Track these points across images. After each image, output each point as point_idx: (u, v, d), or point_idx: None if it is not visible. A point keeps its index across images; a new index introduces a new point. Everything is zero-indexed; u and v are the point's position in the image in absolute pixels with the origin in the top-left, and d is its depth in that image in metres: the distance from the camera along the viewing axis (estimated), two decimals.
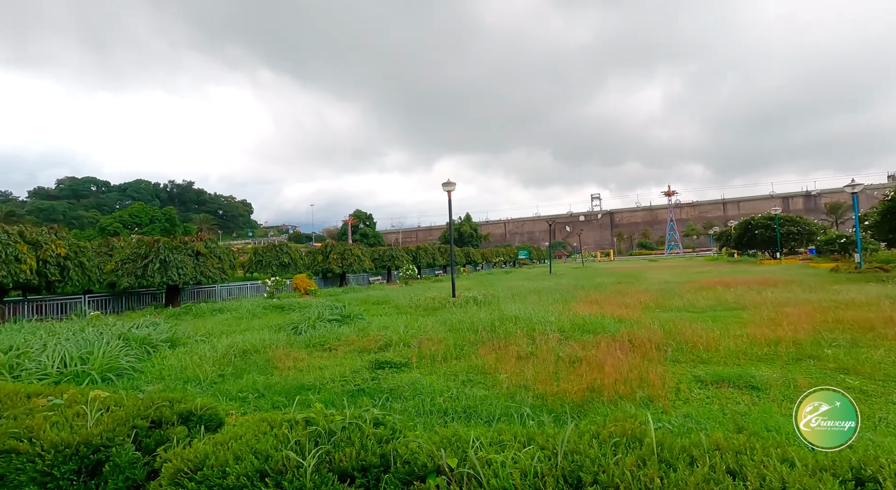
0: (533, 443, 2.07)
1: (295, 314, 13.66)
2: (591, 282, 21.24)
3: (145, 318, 13.72)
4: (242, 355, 7.27)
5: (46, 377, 5.22)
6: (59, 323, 12.23)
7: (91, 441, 2.69)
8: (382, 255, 39.56)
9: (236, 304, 16.88)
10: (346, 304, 12.14)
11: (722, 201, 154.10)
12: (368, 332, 8.63)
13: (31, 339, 7.00)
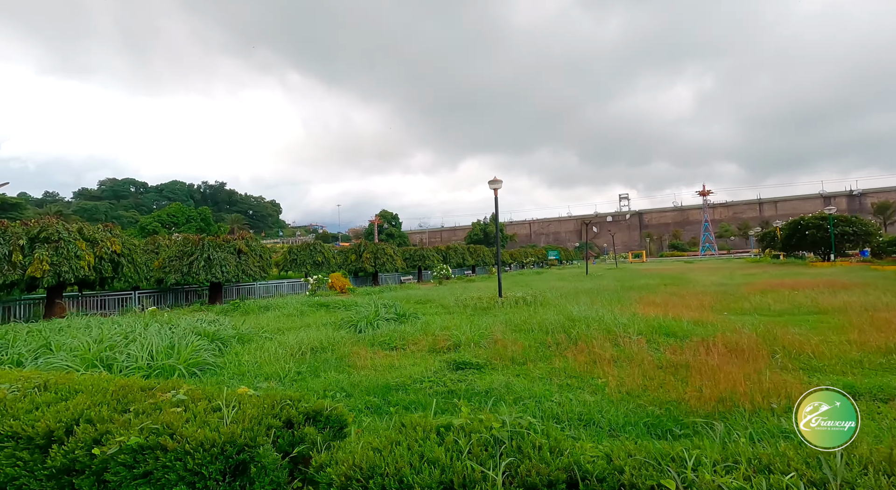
0: (776, 468, 1.77)
1: (343, 312, 13.67)
2: (635, 283, 20.53)
3: (200, 313, 14.01)
4: (311, 352, 7.21)
5: (138, 370, 5.25)
6: (122, 317, 12.60)
7: (235, 440, 2.57)
8: (413, 254, 39.61)
9: (281, 301, 17.09)
10: (397, 303, 12.03)
11: (758, 201, 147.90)
12: (431, 331, 8.45)
13: (111, 333, 7.15)
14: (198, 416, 2.93)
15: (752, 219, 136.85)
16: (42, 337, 6.92)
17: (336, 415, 3.08)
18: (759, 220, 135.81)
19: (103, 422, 3.06)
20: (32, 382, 3.89)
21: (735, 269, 30.25)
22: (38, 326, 10.42)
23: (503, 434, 2.34)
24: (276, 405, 3.11)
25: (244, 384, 5.53)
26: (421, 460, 2.12)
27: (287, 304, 15.90)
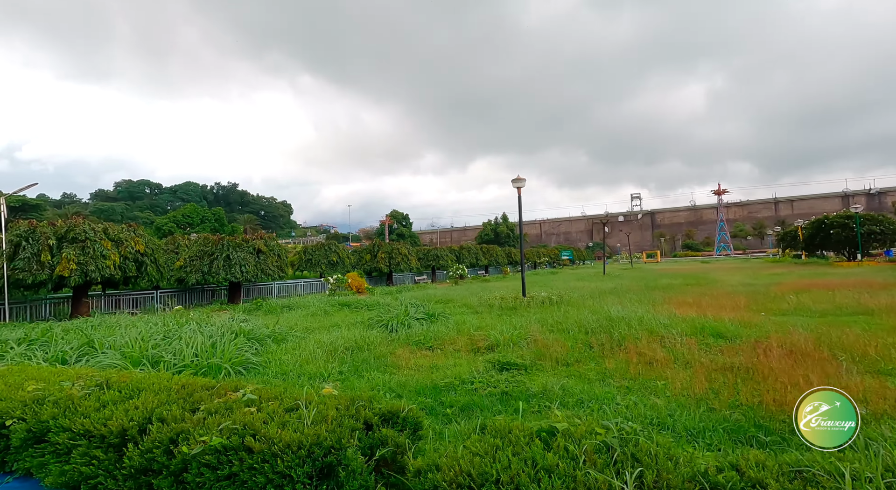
0: None
1: (367, 312, 13.62)
2: (657, 283, 20.18)
3: (225, 312, 14.08)
4: (347, 352, 7.14)
5: (186, 368, 5.21)
6: (150, 316, 12.70)
7: (321, 442, 2.47)
8: (427, 254, 39.55)
9: (302, 300, 17.11)
10: (423, 303, 11.92)
11: (773, 200, 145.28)
12: (464, 331, 8.33)
13: (150, 331, 7.16)
14: (275, 416, 2.85)
15: (767, 218, 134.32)
16: (84, 335, 6.95)
17: (412, 417, 2.97)
18: (774, 220, 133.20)
19: (177, 421, 2.99)
20: (93, 380, 3.86)
21: (757, 269, 29.62)
22: (71, 324, 10.53)
23: (612, 440, 2.20)
24: (352, 406, 3.02)
25: (288, 383, 5.46)
26: (534, 467, 2.00)
27: (309, 304, 15.91)
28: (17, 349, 6.30)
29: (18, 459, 3.36)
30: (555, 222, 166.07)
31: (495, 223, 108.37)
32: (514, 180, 14.39)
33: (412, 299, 17.06)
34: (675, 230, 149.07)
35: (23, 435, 3.24)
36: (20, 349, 6.33)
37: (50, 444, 3.18)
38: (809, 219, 48.60)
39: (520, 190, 14.48)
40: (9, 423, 3.35)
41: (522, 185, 14.35)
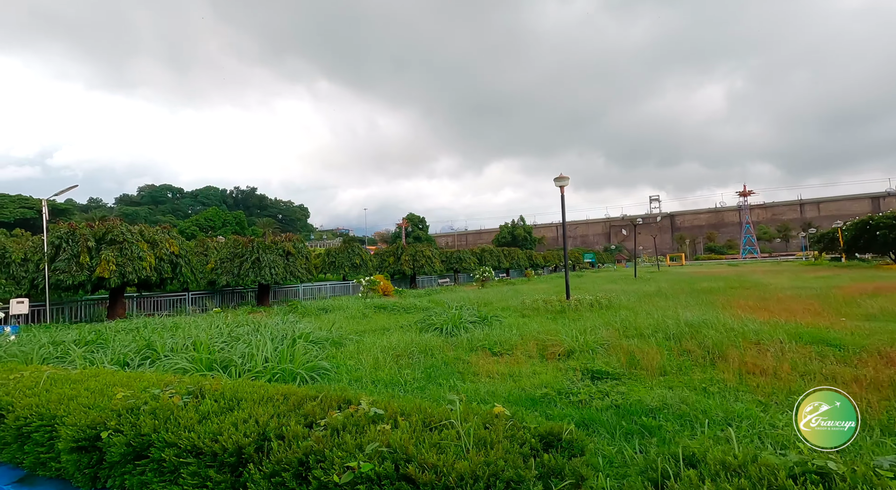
0: None
1: (407, 315, 13.23)
2: (698, 286, 19.34)
3: (259, 314, 13.86)
4: (412, 356, 6.74)
5: (260, 374, 4.86)
6: (192, 318, 12.54)
7: (500, 473, 2.05)
8: (450, 257, 39.16)
9: (336, 302, 16.83)
10: (467, 306, 11.47)
11: (799, 202, 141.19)
12: (528, 336, 7.85)
13: (208, 333, 6.89)
14: (421, 436, 2.43)
15: (792, 220, 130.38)
16: (141, 337, 6.70)
17: (577, 440, 2.52)
18: (800, 222, 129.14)
19: (298, 438, 2.60)
20: (183, 387, 3.50)
21: (797, 272, 28.35)
22: (116, 326, 10.39)
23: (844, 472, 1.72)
24: (501, 424, 2.58)
25: (363, 390, 5.07)
26: None
27: (344, 306, 15.62)
28: (77, 351, 6.06)
29: (114, 476, 3.02)
30: (571, 225, 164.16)
31: (512, 226, 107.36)
32: (556, 179, 13.87)
33: (448, 302, 16.63)
34: (696, 233, 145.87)
35: (121, 449, 2.89)
36: (81, 351, 6.09)
37: (152, 461, 2.82)
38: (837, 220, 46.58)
39: (563, 188, 13.95)
40: (104, 435, 3.02)
41: (566, 184, 13.82)
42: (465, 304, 11.38)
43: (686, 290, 17.11)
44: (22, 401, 3.66)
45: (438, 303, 15.91)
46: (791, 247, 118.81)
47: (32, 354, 5.86)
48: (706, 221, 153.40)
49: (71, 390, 3.80)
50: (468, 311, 9.94)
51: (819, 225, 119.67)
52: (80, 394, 3.67)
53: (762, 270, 33.28)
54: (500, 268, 46.22)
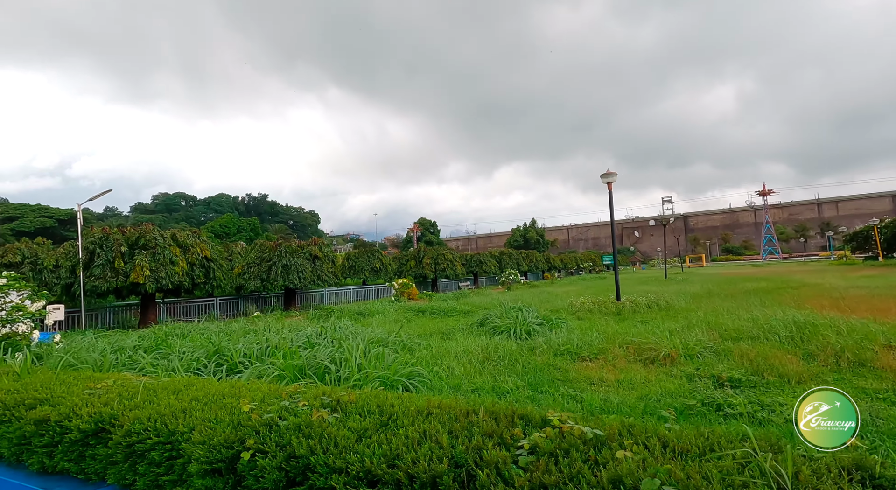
0: None
1: (453, 319, 12.76)
2: (741, 286, 18.59)
3: (296, 319, 13.48)
4: (496, 363, 6.25)
5: (359, 382, 4.40)
6: (229, 322, 12.19)
7: None
8: (470, 260, 38.65)
9: (369, 306, 16.39)
10: (525, 307, 10.92)
11: (816, 202, 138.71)
12: (611, 339, 7.31)
13: (281, 337, 6.47)
14: (703, 469, 1.93)
15: (809, 220, 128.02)
16: (209, 342, 6.29)
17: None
18: (817, 221, 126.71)
19: (504, 466, 2.13)
20: (315, 398, 3.05)
21: (840, 272, 27.33)
22: (161, 331, 10.04)
23: None
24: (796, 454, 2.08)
25: (465, 398, 4.58)
26: None
27: (380, 310, 15.18)
28: (146, 357, 5.67)
29: None
30: (582, 228, 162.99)
31: (524, 228, 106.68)
32: (603, 175, 13.34)
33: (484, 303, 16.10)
34: (710, 234, 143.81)
35: (273, 475, 2.44)
36: (149, 358, 5.70)
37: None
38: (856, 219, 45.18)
39: (610, 185, 13.41)
40: (245, 457, 2.57)
41: (614, 180, 13.28)
42: (521, 307, 10.84)
43: (736, 290, 16.40)
44: (128, 413, 3.24)
45: (480, 306, 15.44)
46: (809, 247, 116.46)
47: (103, 360, 5.47)
48: (720, 222, 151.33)
49: (177, 401, 3.37)
50: (530, 313, 9.41)
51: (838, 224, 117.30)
52: (191, 406, 3.24)
53: (798, 270, 32.25)
54: (518, 270, 45.57)
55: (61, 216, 75.52)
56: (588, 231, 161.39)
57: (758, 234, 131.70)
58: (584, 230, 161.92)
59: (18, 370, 5.03)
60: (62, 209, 78.50)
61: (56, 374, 4.93)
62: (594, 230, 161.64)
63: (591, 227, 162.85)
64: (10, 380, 4.88)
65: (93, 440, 3.29)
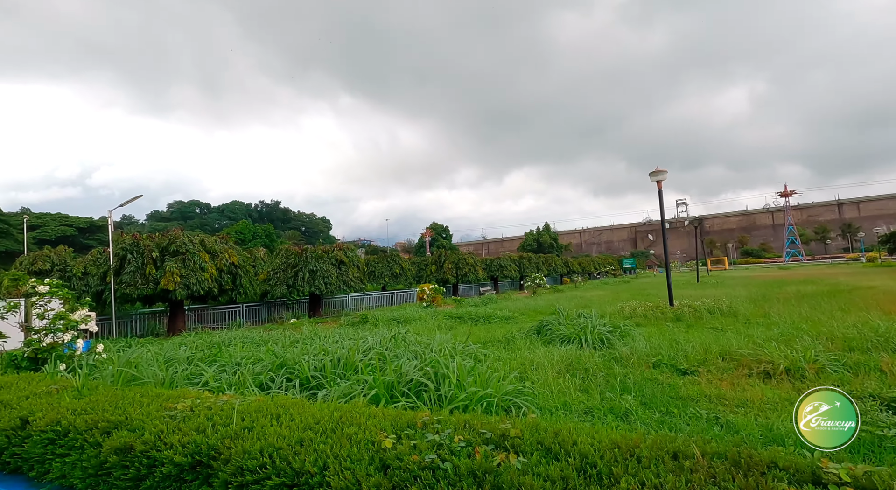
0: None
1: (495, 326, 12.17)
2: (793, 290, 17.69)
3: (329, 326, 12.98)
4: (578, 375, 5.65)
5: (465, 403, 3.85)
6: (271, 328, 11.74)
7: None
8: (490, 264, 37.99)
9: (400, 313, 15.85)
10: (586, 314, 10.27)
11: (836, 203, 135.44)
12: (710, 350, 6.63)
13: (341, 347, 5.95)
14: None
15: (829, 222, 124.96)
16: (273, 354, 5.79)
17: None
18: (838, 223, 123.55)
19: None
20: (462, 429, 2.50)
21: (876, 274, 26.15)
22: (210, 339, 9.61)
23: None
24: None
25: (581, 419, 4.01)
26: None
27: (415, 316, 14.63)
28: (209, 371, 5.17)
29: None
30: (595, 231, 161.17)
31: (538, 232, 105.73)
32: (652, 173, 12.70)
33: (516, 310, 15.49)
34: (727, 236, 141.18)
35: None
36: (211, 371, 5.21)
37: None
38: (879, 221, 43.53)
39: (660, 184, 12.76)
40: None
41: (663, 179, 12.63)
42: (580, 312, 10.18)
43: (788, 294, 15.52)
44: (230, 444, 2.73)
45: (518, 311, 14.85)
46: (830, 248, 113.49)
47: (163, 374, 5.00)
48: (737, 225, 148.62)
49: (286, 430, 2.85)
50: (596, 319, 8.77)
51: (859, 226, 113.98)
52: (306, 436, 2.71)
53: (833, 273, 31.00)
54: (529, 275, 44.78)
55: (81, 224, 76.64)
56: (601, 235, 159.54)
57: (776, 237, 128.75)
58: (597, 234, 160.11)
59: (78, 385, 4.57)
60: (82, 217, 79.70)
61: (120, 390, 4.46)
62: (607, 234, 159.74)
63: (604, 230, 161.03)
64: (71, 397, 4.40)
65: (189, 475, 2.77)
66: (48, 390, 4.66)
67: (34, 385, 5.04)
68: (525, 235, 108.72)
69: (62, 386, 4.82)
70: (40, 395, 4.51)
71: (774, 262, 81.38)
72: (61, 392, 4.52)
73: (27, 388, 4.85)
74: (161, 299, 16.29)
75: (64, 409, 3.92)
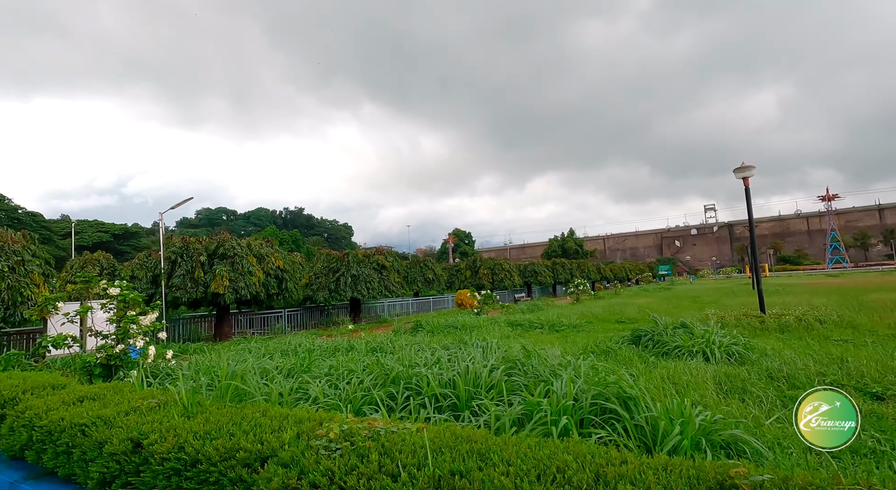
0: None
1: (564, 335, 11.28)
2: (869, 298, 16.19)
3: (385, 333, 12.31)
4: (747, 399, 4.74)
5: (677, 446, 3.03)
6: (328, 332, 11.15)
7: None
8: (524, 269, 36.96)
9: (457, 319, 15.06)
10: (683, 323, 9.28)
11: (877, 207, 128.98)
12: (850, 362, 5.65)
13: (452, 357, 5.22)
14: None
15: (870, 227, 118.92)
16: (379, 366, 5.09)
17: None
18: (880, 228, 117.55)
19: None
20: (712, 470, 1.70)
21: None
22: (272, 346, 9.06)
23: None
24: None
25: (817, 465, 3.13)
26: None
27: (473, 324, 13.82)
28: (316, 386, 4.50)
29: None
30: (619, 237, 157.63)
31: (562, 238, 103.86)
32: (737, 170, 11.66)
33: (588, 314, 14.52)
34: (759, 242, 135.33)
35: None
36: (319, 386, 4.53)
37: None
38: None
39: (746, 180, 11.69)
40: None
41: (751, 174, 11.55)
42: (683, 322, 9.17)
43: (884, 303, 14.10)
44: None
45: (582, 316, 13.91)
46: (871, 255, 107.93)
47: (269, 389, 4.34)
48: (769, 230, 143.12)
49: (511, 481, 2.09)
50: (716, 330, 7.78)
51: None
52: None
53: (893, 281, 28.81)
54: (570, 281, 43.46)
55: (116, 231, 79.25)
56: (625, 241, 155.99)
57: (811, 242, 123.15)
58: (621, 240, 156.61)
59: (184, 401, 3.95)
60: (116, 224, 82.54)
61: (233, 408, 3.82)
62: (631, 240, 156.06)
63: (629, 236, 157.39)
64: (179, 415, 3.78)
65: None
66: (149, 405, 4.05)
67: (128, 397, 4.46)
68: (549, 241, 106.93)
69: (161, 400, 4.22)
70: (142, 411, 3.91)
71: (813, 270, 77.51)
72: (166, 407, 3.91)
73: (123, 402, 4.27)
74: (209, 303, 15.99)
75: (181, 431, 3.28)
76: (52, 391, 5.22)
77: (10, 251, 10.77)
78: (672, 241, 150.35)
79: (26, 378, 6.17)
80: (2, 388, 5.41)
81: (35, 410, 4.33)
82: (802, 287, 26.45)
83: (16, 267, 10.70)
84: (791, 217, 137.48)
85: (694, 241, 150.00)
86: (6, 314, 10.33)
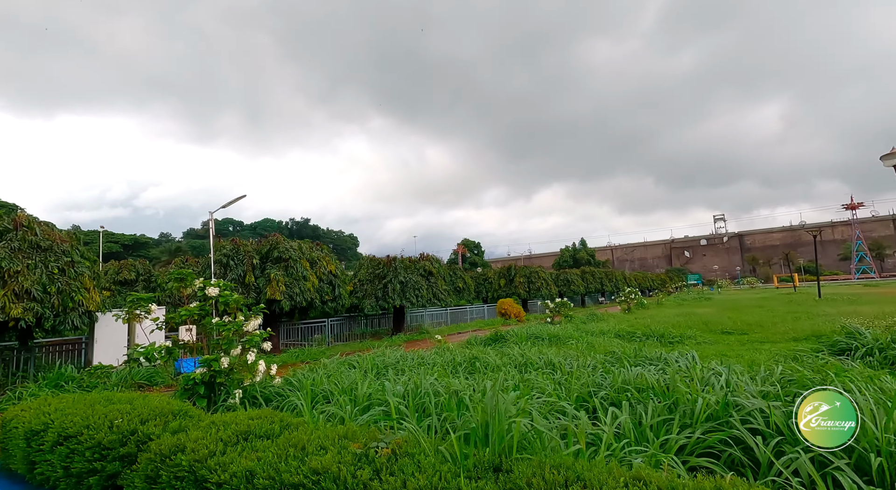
0: None
1: (685, 347, 9.90)
2: None
3: (457, 345, 10.96)
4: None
5: None
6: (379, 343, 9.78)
7: None
8: (557, 278, 35.51)
9: (543, 330, 13.65)
10: None
11: (892, 218, 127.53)
12: None
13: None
14: None
15: (885, 238, 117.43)
16: (565, 388, 3.74)
17: None
18: (894, 239, 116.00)
19: None
20: None
21: None
22: (373, 360, 7.71)
23: None
24: None
25: None
26: None
27: (564, 334, 12.43)
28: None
29: None
30: (628, 248, 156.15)
31: (574, 249, 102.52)
32: (884, 156, 10.39)
33: (672, 321, 13.12)
34: (770, 253, 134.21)
35: None
36: None
37: None
38: None
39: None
40: None
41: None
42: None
43: None
44: None
45: (668, 324, 12.56)
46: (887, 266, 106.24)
47: (407, 414, 3.00)
48: (780, 241, 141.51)
49: None
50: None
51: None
52: None
53: None
54: (602, 289, 42.01)
55: (125, 241, 78.45)
56: (633, 251, 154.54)
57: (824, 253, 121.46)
58: (630, 250, 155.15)
59: (456, 449, 2.60)
60: (126, 235, 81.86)
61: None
62: (640, 250, 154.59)
63: (637, 247, 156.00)
64: (456, 474, 2.41)
65: None
66: (378, 451, 2.67)
67: (316, 434, 3.09)
68: (561, 251, 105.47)
69: (388, 441, 2.85)
70: (375, 463, 2.53)
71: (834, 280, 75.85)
72: (408, 456, 2.55)
73: (312, 440, 2.90)
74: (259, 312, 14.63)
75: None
76: (184, 421, 3.86)
77: (59, 251, 9.49)
78: (681, 251, 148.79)
79: (114, 399, 4.81)
80: (105, 415, 4.02)
81: (194, 454, 2.96)
82: (868, 296, 25.00)
83: (66, 268, 9.40)
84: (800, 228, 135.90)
85: (703, 251, 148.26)
86: (56, 322, 8.99)
